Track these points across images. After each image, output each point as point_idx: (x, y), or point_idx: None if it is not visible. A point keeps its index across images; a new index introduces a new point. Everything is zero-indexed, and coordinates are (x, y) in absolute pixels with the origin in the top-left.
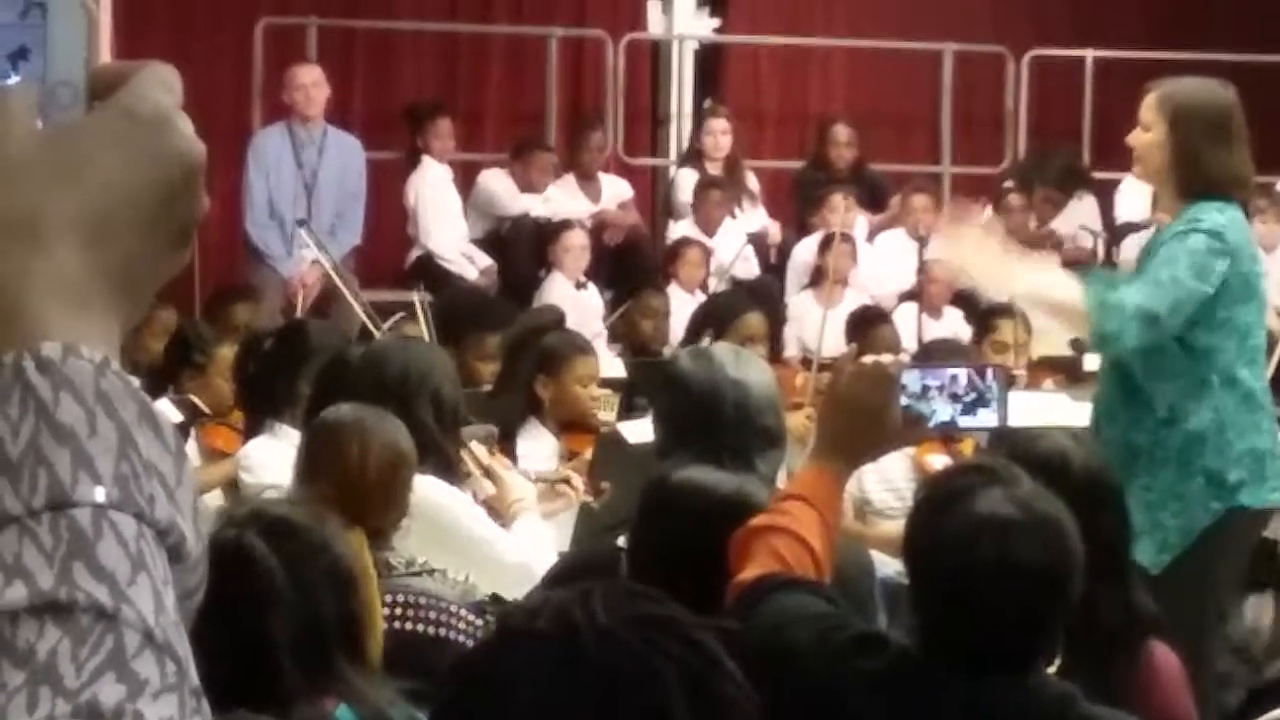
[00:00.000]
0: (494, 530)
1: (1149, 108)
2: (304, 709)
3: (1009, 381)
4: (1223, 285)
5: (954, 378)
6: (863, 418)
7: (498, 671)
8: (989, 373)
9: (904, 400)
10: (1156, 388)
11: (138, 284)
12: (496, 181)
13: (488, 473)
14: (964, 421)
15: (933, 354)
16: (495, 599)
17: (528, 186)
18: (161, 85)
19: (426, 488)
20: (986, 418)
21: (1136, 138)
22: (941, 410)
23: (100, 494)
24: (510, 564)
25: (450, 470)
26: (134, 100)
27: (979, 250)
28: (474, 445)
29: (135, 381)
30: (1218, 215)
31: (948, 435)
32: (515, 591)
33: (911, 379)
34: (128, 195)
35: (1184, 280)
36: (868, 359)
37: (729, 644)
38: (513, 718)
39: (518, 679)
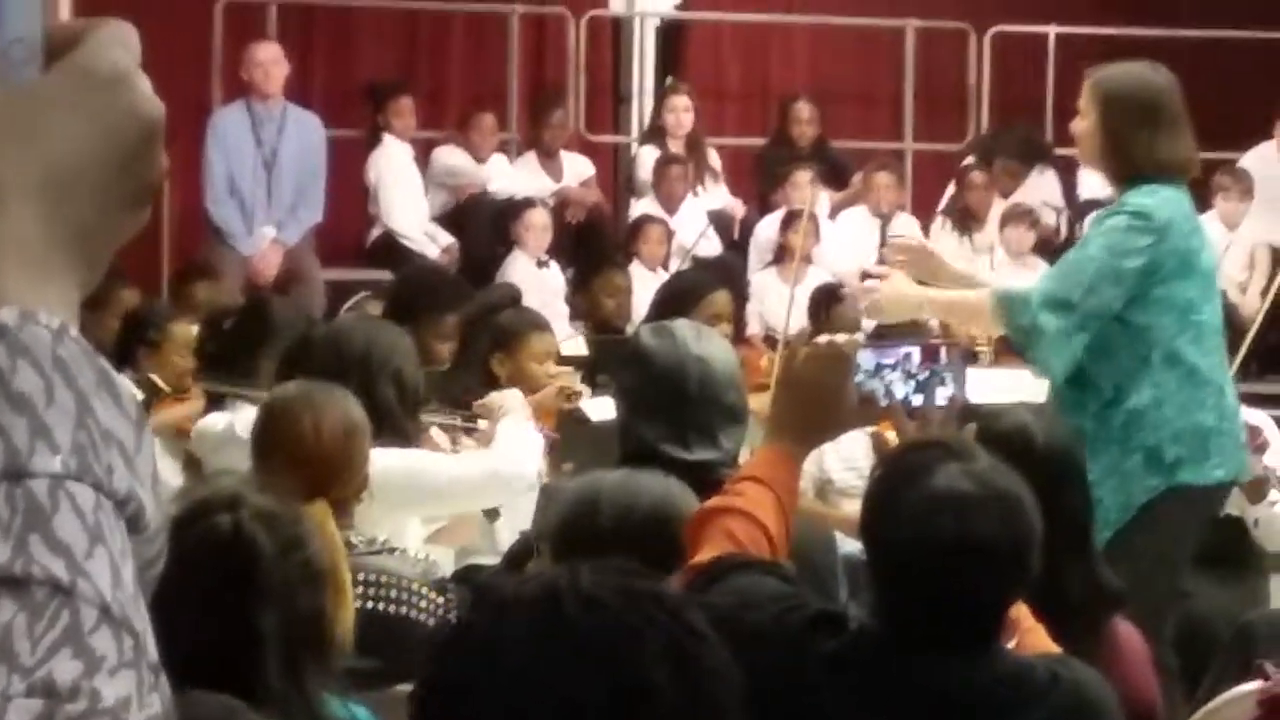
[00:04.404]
0: (444, 459)
1: (1084, 94)
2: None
3: (967, 358)
4: (1156, 262)
5: (907, 355)
6: (818, 399)
7: (483, 639)
8: (941, 351)
9: (858, 378)
10: (1099, 368)
11: (96, 246)
12: (451, 156)
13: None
14: (918, 400)
15: (886, 330)
16: (456, 577)
17: (479, 158)
18: (119, 43)
19: (374, 457)
20: (942, 395)
21: (1076, 124)
22: (896, 388)
23: (58, 464)
24: (474, 477)
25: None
26: (91, 59)
27: (897, 289)
28: (434, 432)
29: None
30: (1146, 198)
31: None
32: (496, 499)
33: (865, 357)
34: (86, 156)
35: (1095, 257)
36: (822, 339)
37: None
38: (497, 684)
39: (501, 646)
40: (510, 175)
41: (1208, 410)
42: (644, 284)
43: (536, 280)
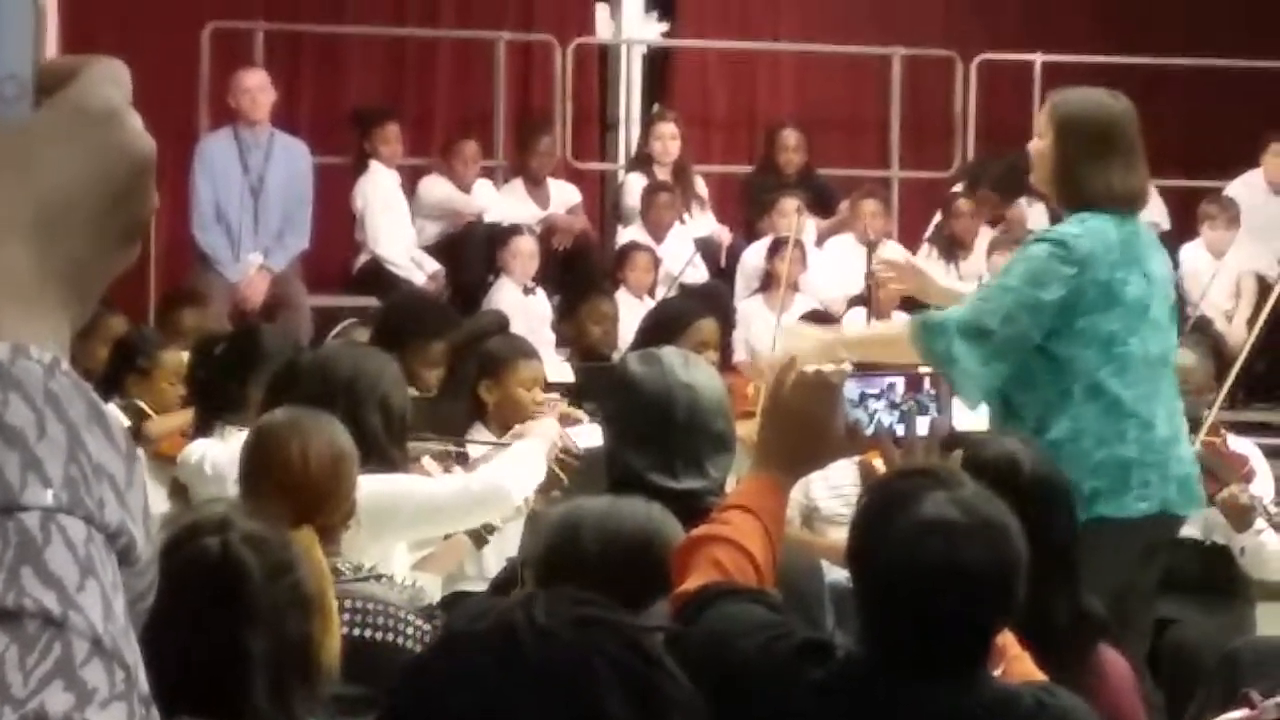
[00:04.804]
0: (426, 481)
1: (1042, 116)
2: None
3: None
4: (1078, 294)
5: (891, 385)
6: (806, 428)
7: (440, 673)
8: (926, 380)
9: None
10: (1024, 400)
11: (88, 281)
12: (439, 187)
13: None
14: (901, 429)
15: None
16: (443, 604)
17: (463, 185)
18: (111, 80)
19: (361, 484)
20: (924, 424)
21: (1033, 145)
22: (881, 418)
23: (49, 497)
24: (456, 497)
25: None
26: (83, 95)
27: (805, 339)
28: (425, 460)
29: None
30: (1072, 227)
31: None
32: (479, 519)
33: (849, 387)
34: (78, 192)
35: (1014, 287)
36: (809, 368)
37: (675, 648)
38: (455, 717)
39: (459, 680)
40: (497, 202)
41: (1129, 443)
42: (631, 311)
43: (523, 307)
